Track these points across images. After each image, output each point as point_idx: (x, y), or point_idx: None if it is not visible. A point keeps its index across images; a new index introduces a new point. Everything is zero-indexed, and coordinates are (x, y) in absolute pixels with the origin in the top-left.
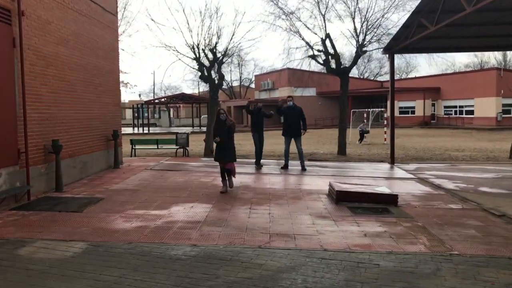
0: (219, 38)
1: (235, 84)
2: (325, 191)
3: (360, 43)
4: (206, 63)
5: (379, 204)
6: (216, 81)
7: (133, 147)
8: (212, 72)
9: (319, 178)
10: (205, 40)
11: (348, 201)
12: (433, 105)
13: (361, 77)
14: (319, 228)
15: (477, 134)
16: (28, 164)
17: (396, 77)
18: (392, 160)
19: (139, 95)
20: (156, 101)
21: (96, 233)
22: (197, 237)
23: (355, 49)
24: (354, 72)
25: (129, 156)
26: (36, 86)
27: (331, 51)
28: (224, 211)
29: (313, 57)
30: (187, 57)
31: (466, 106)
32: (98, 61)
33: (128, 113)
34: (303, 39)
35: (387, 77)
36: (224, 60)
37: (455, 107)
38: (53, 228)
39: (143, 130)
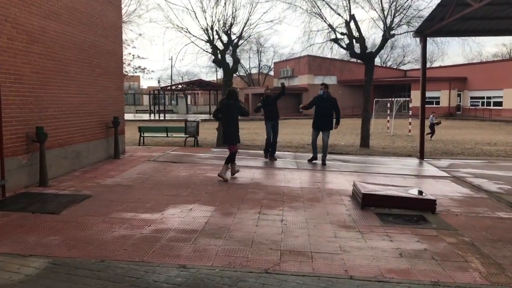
0: (234, 20)
1: (254, 71)
2: (348, 192)
3: (388, 25)
4: (220, 46)
5: (414, 211)
6: (231, 66)
7: (142, 135)
8: (227, 56)
9: (340, 174)
10: (219, 21)
11: (376, 206)
12: (458, 95)
13: (384, 65)
14: (343, 243)
15: (507, 127)
16: (2, 154)
17: (419, 66)
18: (422, 155)
19: (158, 81)
20: (173, 87)
21: (66, 244)
22: (189, 254)
23: (381, 33)
24: (376, 60)
25: (137, 145)
26: (16, 65)
27: (355, 34)
28: (228, 216)
29: (336, 40)
30: (200, 39)
31: (494, 97)
32: (97, 39)
33: (146, 100)
34: (325, 20)
35: (410, 66)
36: (239, 43)
37: (482, 98)
38: (15, 236)
39: (159, 116)
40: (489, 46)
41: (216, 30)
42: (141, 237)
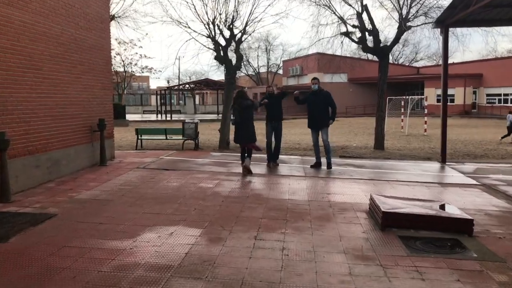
0: (237, 13)
1: (262, 70)
2: (364, 206)
3: (403, 16)
4: (223, 42)
5: (446, 233)
6: (234, 63)
7: (139, 137)
8: (230, 52)
9: (354, 183)
10: (220, 15)
11: (399, 227)
12: (474, 93)
13: (395, 62)
14: (360, 283)
15: None
16: None
17: (432, 63)
18: (444, 159)
19: (168, 81)
20: (181, 87)
21: None
22: None
23: (396, 25)
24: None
25: (133, 149)
26: None
27: (368, 26)
28: (215, 244)
29: (347, 34)
30: (202, 35)
31: (511, 94)
32: (78, 32)
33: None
34: (334, 12)
35: (423, 63)
36: (243, 38)
37: (499, 95)
38: None
39: (165, 117)
40: (504, 42)
41: (217, 25)
42: (97, 278)
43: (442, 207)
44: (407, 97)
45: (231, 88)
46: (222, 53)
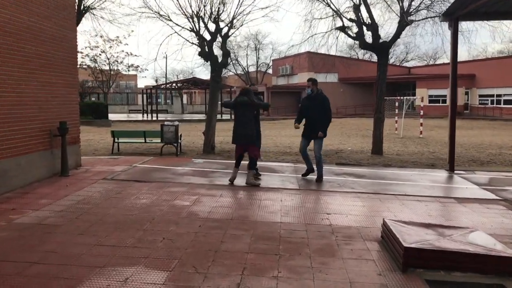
0: (223, 5)
1: (252, 69)
2: (374, 232)
3: (405, 9)
4: (208, 36)
5: (485, 275)
6: (220, 59)
7: (115, 141)
8: (216, 48)
9: (357, 198)
10: (205, 7)
11: (425, 267)
12: (466, 93)
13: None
14: None
15: None
16: None
17: (423, 63)
18: (452, 167)
19: (156, 80)
20: (168, 86)
21: None
22: None
23: (396, 20)
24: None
25: (109, 153)
26: None
27: (366, 20)
28: None
29: (343, 29)
30: (185, 29)
31: (504, 95)
32: (34, 20)
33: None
34: (329, 5)
35: (413, 63)
36: (230, 33)
37: (492, 96)
38: None
39: (152, 117)
40: (494, 43)
41: (201, 17)
42: None
43: (475, 237)
44: (402, 97)
45: (217, 87)
46: (207, 49)
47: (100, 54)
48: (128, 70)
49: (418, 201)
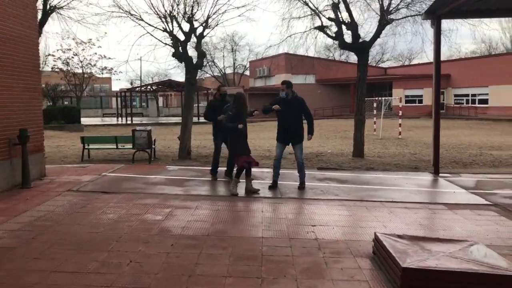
0: (197, 4)
1: (229, 71)
2: (364, 246)
3: (385, 8)
4: (181, 36)
5: None
6: (194, 60)
7: (85, 147)
8: (191, 49)
9: (342, 206)
10: (178, 5)
11: None
12: (442, 93)
13: None
14: None
15: (497, 126)
16: None
17: (398, 63)
18: (437, 170)
19: (131, 83)
20: (142, 88)
21: None
22: None
23: (376, 19)
24: (354, 59)
25: (79, 160)
26: None
27: (346, 19)
28: None
29: (321, 28)
30: (158, 29)
31: (479, 94)
32: None
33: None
34: (307, 4)
35: (389, 63)
36: (205, 33)
37: (467, 95)
38: None
39: (126, 120)
40: (467, 43)
41: (174, 17)
42: None
43: (476, 252)
44: (380, 98)
45: (192, 89)
46: (181, 50)
47: (72, 57)
48: (102, 73)
49: (406, 209)
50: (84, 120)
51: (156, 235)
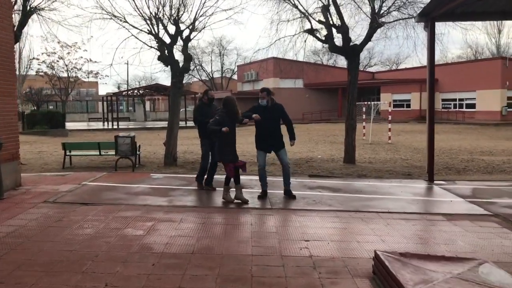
0: (184, 6)
1: (216, 75)
2: (362, 265)
3: (376, 10)
4: (167, 39)
5: None
6: (181, 64)
7: (67, 154)
8: (177, 52)
9: (336, 218)
10: (164, 7)
11: None
12: None
13: None
14: None
15: (485, 130)
16: None
17: (385, 68)
18: (431, 177)
19: (118, 87)
20: (129, 92)
21: None
22: None
23: (367, 22)
24: (342, 63)
25: (60, 167)
26: None
27: (336, 22)
28: None
29: (311, 31)
30: (143, 31)
31: (466, 99)
32: None
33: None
34: (296, 6)
35: (377, 68)
36: (191, 36)
37: (454, 100)
38: None
39: (112, 125)
40: (454, 48)
41: (160, 19)
42: None
43: (487, 273)
44: (370, 102)
45: (178, 93)
46: (167, 53)
47: (57, 61)
48: (88, 77)
49: (404, 220)
50: (69, 125)
51: (136, 253)
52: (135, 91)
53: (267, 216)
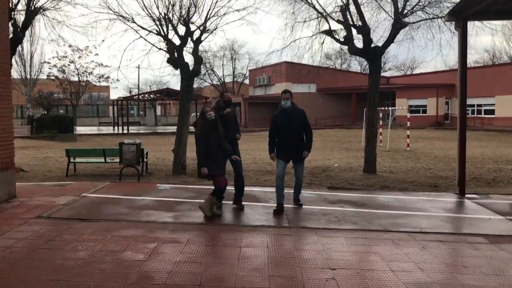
0: (195, 6)
1: (228, 80)
2: None
3: (400, 10)
4: (177, 41)
5: None
6: (191, 67)
7: (71, 161)
8: (187, 54)
9: (364, 240)
10: (173, 6)
11: None
12: (446, 103)
13: (363, 72)
14: None
15: (505, 137)
16: None
17: (400, 73)
18: (462, 189)
19: (130, 91)
20: (140, 97)
21: None
22: None
23: (389, 22)
24: (356, 68)
25: (61, 177)
26: None
27: (356, 22)
28: None
29: (329, 33)
30: (152, 32)
31: (485, 105)
32: None
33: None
34: (313, 6)
35: (391, 73)
36: (202, 37)
37: (473, 106)
38: None
39: (123, 130)
40: (470, 54)
41: (169, 18)
42: None
43: None
44: (388, 108)
45: (188, 98)
46: (176, 55)
47: (68, 65)
48: (99, 81)
49: (440, 242)
50: (80, 129)
51: (134, 284)
52: (146, 96)
53: (284, 236)
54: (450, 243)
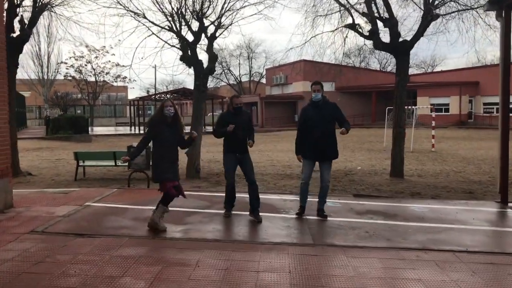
0: (209, 1)
1: (244, 79)
2: None
3: (430, 1)
4: (190, 37)
5: None
6: (205, 64)
7: (80, 164)
8: (201, 51)
9: (401, 262)
10: (186, 1)
11: None
12: (470, 101)
13: (383, 70)
14: None
15: None
16: None
17: (421, 70)
18: (505, 197)
19: (147, 92)
20: (156, 97)
21: None
22: None
23: (418, 14)
24: (375, 66)
25: (69, 181)
26: None
27: (383, 14)
28: None
29: (353, 26)
30: (164, 28)
31: (511, 103)
32: None
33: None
34: None
35: (411, 71)
36: (217, 34)
37: (497, 104)
38: None
39: (139, 130)
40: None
41: (182, 13)
42: None
43: None
44: (410, 107)
45: (202, 97)
46: (189, 52)
47: (85, 65)
48: (116, 81)
49: (493, 265)
50: (96, 129)
51: None
52: (163, 96)
53: (309, 257)
54: (505, 266)
